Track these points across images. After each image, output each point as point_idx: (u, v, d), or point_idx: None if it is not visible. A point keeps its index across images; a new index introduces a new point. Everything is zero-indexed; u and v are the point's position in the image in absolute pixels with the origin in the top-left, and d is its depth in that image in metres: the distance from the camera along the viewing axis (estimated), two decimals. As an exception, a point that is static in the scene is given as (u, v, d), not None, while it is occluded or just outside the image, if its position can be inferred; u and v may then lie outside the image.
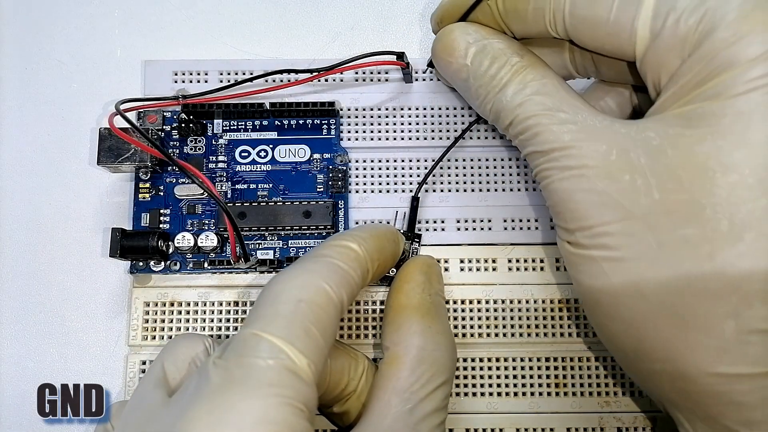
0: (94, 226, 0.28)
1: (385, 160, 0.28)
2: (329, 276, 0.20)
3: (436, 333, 0.23)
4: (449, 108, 0.28)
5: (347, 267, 0.21)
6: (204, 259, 0.26)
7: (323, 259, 0.21)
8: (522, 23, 0.23)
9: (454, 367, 0.23)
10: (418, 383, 0.22)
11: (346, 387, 0.23)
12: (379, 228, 0.24)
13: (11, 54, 0.29)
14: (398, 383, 0.22)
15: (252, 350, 0.18)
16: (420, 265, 0.25)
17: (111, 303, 0.27)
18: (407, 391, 0.21)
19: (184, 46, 0.29)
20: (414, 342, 0.22)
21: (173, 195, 0.27)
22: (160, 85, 0.28)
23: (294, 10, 0.30)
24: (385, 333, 0.23)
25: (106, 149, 0.26)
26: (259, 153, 0.28)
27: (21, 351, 0.27)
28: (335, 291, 0.20)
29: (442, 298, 0.25)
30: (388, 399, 0.21)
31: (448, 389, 0.22)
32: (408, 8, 0.30)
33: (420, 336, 0.22)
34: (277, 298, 0.19)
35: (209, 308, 0.26)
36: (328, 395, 0.22)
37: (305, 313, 0.19)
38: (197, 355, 0.21)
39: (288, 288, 0.20)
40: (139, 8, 0.30)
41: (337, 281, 0.20)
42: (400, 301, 0.24)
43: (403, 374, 0.22)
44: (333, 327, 0.20)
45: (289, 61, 0.28)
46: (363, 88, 0.28)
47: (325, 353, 0.19)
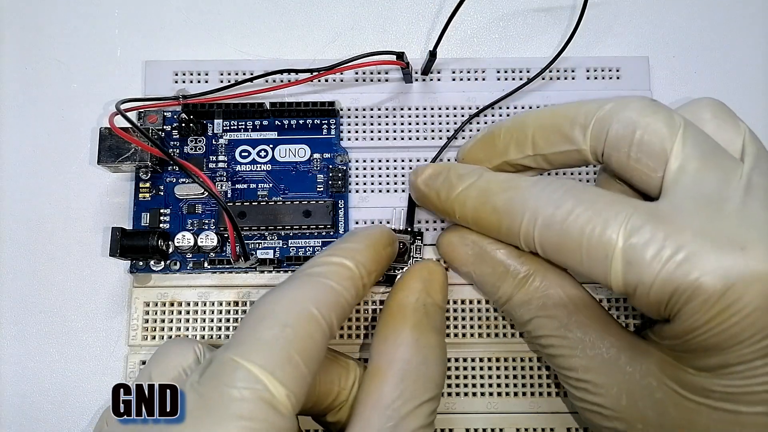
0: (94, 226, 0.28)
1: (385, 160, 0.28)
2: (319, 298, 0.20)
3: (424, 346, 0.22)
4: (449, 108, 0.28)
5: (340, 287, 0.20)
6: (204, 259, 0.26)
7: (315, 279, 0.20)
8: None
9: (442, 383, 0.22)
10: (400, 399, 0.20)
11: (337, 397, 0.22)
12: (373, 234, 0.23)
13: (11, 54, 0.29)
14: (380, 399, 0.21)
15: (228, 378, 0.17)
16: (420, 271, 0.24)
17: (111, 303, 0.27)
18: (389, 408, 0.20)
19: (184, 46, 0.30)
20: (399, 355, 0.21)
21: (173, 195, 0.27)
22: (160, 85, 0.28)
23: (294, 10, 0.30)
24: (372, 342, 0.23)
25: (106, 149, 0.26)
26: (259, 153, 0.28)
27: (21, 351, 0.27)
28: (324, 315, 0.19)
29: (440, 308, 0.23)
30: (369, 416, 0.20)
31: (434, 406, 0.21)
32: (408, 8, 0.30)
33: (406, 349, 0.21)
34: (262, 320, 0.19)
35: (209, 308, 0.26)
36: (318, 405, 0.22)
37: (289, 340, 0.18)
38: (188, 364, 0.21)
39: (274, 310, 0.19)
40: (139, 8, 0.30)
41: (328, 304, 0.20)
42: (392, 310, 0.23)
43: (385, 389, 0.21)
44: (319, 353, 0.19)
45: (289, 61, 0.28)
46: (363, 88, 0.28)
47: (309, 380, 0.19)
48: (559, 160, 0.23)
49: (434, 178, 0.24)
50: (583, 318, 0.22)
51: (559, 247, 0.20)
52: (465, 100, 0.28)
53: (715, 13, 0.30)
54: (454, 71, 0.29)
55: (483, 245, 0.23)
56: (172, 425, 0.18)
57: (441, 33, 0.26)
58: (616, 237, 0.19)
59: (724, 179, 0.19)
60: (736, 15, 0.30)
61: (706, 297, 0.18)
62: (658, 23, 0.30)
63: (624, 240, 0.19)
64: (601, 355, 0.21)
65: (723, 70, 0.29)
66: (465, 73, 0.29)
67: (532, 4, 0.30)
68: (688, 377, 0.20)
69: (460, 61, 0.29)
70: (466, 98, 0.28)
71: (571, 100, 0.28)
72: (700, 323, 0.18)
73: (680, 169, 0.20)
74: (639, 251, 0.19)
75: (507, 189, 0.22)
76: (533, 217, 0.21)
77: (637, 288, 0.19)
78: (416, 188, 0.25)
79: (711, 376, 0.19)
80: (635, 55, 0.29)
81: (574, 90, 0.28)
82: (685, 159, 0.20)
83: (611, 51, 0.29)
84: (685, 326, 0.19)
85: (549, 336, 0.22)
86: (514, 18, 0.30)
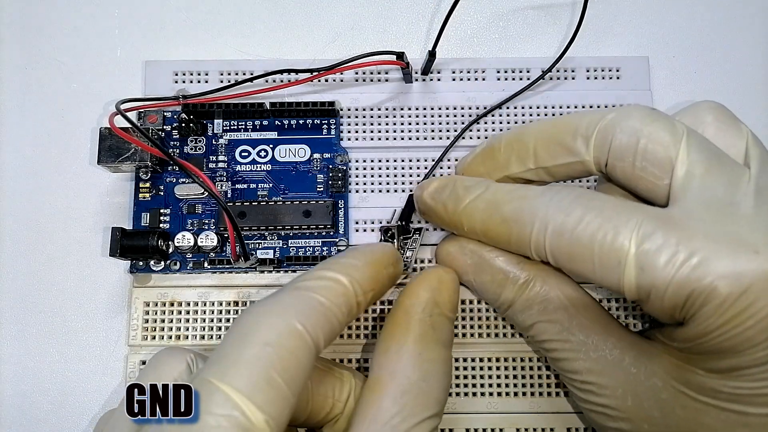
0: (94, 226, 0.28)
1: (385, 160, 0.28)
2: (306, 313, 0.19)
3: (427, 361, 0.21)
4: (449, 108, 0.28)
5: (330, 303, 0.19)
6: (204, 259, 0.26)
7: (304, 293, 0.19)
8: None
9: (444, 400, 0.21)
10: (399, 416, 0.20)
11: (332, 410, 0.21)
12: (374, 253, 0.22)
13: (11, 54, 0.29)
14: (378, 414, 0.20)
15: (205, 403, 0.17)
16: (429, 279, 0.23)
17: (111, 303, 0.27)
18: (387, 424, 0.20)
19: (184, 46, 0.30)
20: (400, 369, 0.21)
21: (173, 194, 0.27)
22: (160, 85, 0.28)
23: (294, 10, 0.30)
24: (374, 352, 0.22)
25: (106, 149, 0.26)
26: (259, 153, 0.28)
27: (21, 351, 0.27)
28: (310, 332, 0.18)
29: (448, 319, 0.23)
30: (366, 430, 0.20)
31: (435, 423, 0.21)
32: (408, 8, 0.30)
33: (408, 363, 0.21)
34: (244, 338, 0.18)
35: (209, 308, 0.26)
36: (313, 418, 0.21)
37: (270, 360, 0.17)
38: (180, 374, 0.20)
39: (257, 327, 0.18)
40: (139, 8, 0.30)
41: (315, 321, 0.19)
42: (396, 318, 0.22)
43: (384, 404, 0.20)
44: (303, 372, 0.18)
45: (289, 61, 0.28)
46: (363, 88, 0.28)
47: (292, 402, 0.18)
48: (562, 172, 0.22)
49: (440, 191, 0.24)
50: (584, 320, 0.22)
51: (571, 255, 0.20)
52: (465, 100, 0.28)
53: (715, 13, 0.30)
54: (454, 71, 0.29)
55: (482, 254, 0.23)
56: None
57: (439, 32, 0.26)
58: (628, 243, 0.19)
59: (733, 184, 0.19)
60: (736, 15, 0.30)
61: (721, 300, 0.18)
62: (658, 23, 0.30)
63: (636, 246, 0.19)
64: (605, 356, 0.21)
65: (723, 70, 0.29)
66: (465, 73, 0.29)
67: (532, 2, 0.30)
68: (697, 378, 0.20)
69: (460, 61, 0.29)
70: (466, 98, 0.28)
71: (571, 100, 0.28)
72: (714, 326, 0.18)
73: (687, 175, 0.20)
74: (652, 257, 0.19)
75: (515, 199, 0.22)
76: (543, 225, 0.21)
77: (650, 293, 0.19)
78: (423, 202, 0.24)
79: (721, 378, 0.19)
80: (635, 55, 0.29)
81: (575, 90, 0.28)
82: (691, 165, 0.20)
83: (611, 51, 0.29)
84: (700, 329, 0.19)
85: (551, 340, 0.22)
86: (513, 18, 0.30)
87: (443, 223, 0.24)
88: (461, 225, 0.23)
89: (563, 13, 0.30)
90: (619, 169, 0.21)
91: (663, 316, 0.20)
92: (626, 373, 0.21)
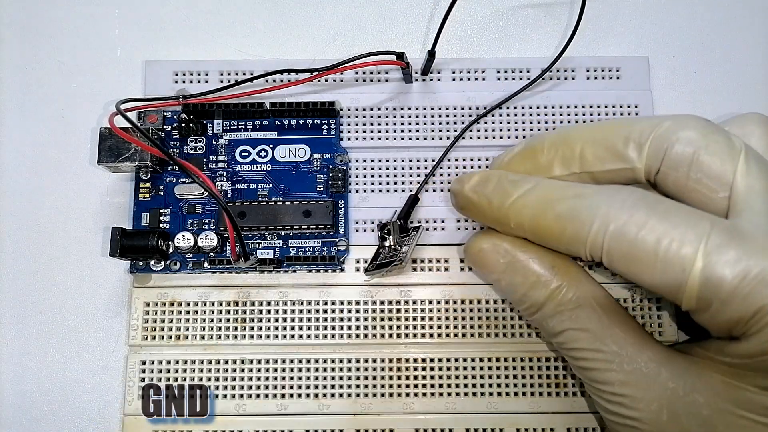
0: (94, 226, 0.28)
1: (385, 160, 0.28)
2: None
3: None
4: (449, 108, 0.28)
5: None
6: (204, 259, 0.26)
7: None
8: None
9: None
10: None
11: None
12: None
13: (11, 54, 0.29)
14: None
15: None
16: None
17: (111, 303, 0.27)
18: None
19: (184, 46, 0.30)
20: None
21: (173, 194, 0.27)
22: (160, 85, 0.28)
23: (294, 10, 0.30)
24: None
25: (106, 149, 0.26)
26: (259, 153, 0.28)
27: (21, 351, 0.27)
28: None
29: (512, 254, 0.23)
30: None
31: None
32: (408, 8, 0.30)
33: None
34: None
35: (209, 308, 0.26)
36: None
37: None
38: None
39: None
40: (139, 8, 0.30)
41: None
42: None
43: None
44: None
45: (289, 61, 0.28)
46: (363, 88, 0.28)
47: None
48: (607, 178, 0.22)
49: (483, 184, 0.23)
50: (618, 332, 0.22)
51: (630, 257, 0.20)
52: (465, 100, 0.28)
53: (715, 13, 0.30)
54: (454, 71, 0.29)
55: (515, 254, 0.23)
56: None
57: (438, 32, 0.26)
58: (695, 252, 0.19)
59: None
60: (736, 15, 0.30)
61: None
62: (658, 23, 0.30)
63: (704, 256, 0.19)
64: (640, 369, 0.21)
65: (723, 70, 0.29)
66: (465, 72, 0.29)
67: (532, 0, 0.30)
68: (748, 395, 0.20)
69: (460, 61, 0.29)
70: (466, 98, 0.28)
71: (571, 100, 0.28)
72: None
73: (749, 190, 0.20)
74: (720, 269, 0.19)
75: (571, 196, 0.21)
76: (604, 225, 0.20)
77: (712, 304, 0.19)
78: (463, 196, 0.24)
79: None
80: (635, 55, 0.29)
81: (575, 90, 0.28)
82: (751, 180, 0.20)
83: (611, 51, 0.29)
84: (765, 347, 0.19)
85: (582, 349, 0.22)
86: (513, 17, 0.30)
87: (485, 218, 0.23)
88: (507, 221, 0.22)
89: (563, 10, 0.30)
90: (671, 179, 0.21)
91: (719, 329, 0.20)
92: (663, 388, 0.21)
